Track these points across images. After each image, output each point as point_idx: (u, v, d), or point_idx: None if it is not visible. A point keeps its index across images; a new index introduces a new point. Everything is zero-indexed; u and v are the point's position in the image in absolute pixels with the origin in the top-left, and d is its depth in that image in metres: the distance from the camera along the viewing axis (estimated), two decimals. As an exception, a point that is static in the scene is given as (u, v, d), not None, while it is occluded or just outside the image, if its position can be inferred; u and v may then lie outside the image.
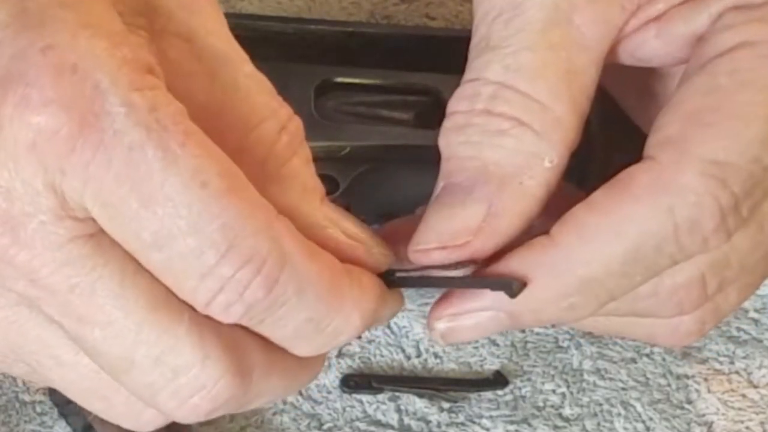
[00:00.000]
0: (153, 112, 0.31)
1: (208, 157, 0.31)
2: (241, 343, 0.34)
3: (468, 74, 0.39)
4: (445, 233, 0.38)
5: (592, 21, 0.38)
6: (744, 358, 0.51)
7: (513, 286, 0.37)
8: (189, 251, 0.31)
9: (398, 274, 0.38)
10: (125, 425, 0.36)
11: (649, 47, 0.39)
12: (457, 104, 0.39)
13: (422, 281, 0.39)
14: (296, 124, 0.35)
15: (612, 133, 0.46)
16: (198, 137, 0.31)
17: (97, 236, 0.32)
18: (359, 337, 0.50)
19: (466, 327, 0.38)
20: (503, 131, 0.37)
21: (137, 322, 0.32)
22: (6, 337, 0.34)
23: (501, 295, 0.37)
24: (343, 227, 0.36)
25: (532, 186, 0.37)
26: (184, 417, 0.34)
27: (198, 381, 0.33)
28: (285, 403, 0.49)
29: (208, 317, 0.33)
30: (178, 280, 0.32)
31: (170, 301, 0.33)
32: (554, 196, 0.38)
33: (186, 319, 0.33)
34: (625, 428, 0.49)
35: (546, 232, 0.37)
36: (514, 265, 0.37)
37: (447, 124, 0.39)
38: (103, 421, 0.46)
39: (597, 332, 0.48)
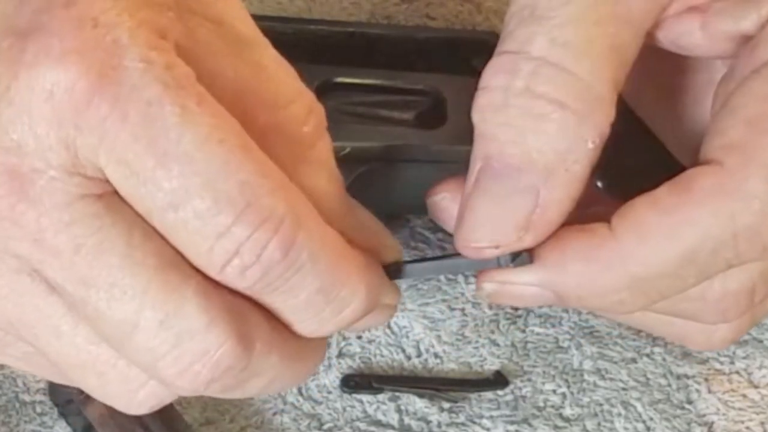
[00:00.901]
0: (170, 69, 0.31)
1: (224, 117, 0.31)
2: (247, 314, 0.34)
3: (506, 44, 0.38)
4: (496, 230, 0.37)
5: None
6: (744, 358, 0.51)
7: (518, 260, 0.37)
8: (205, 209, 0.31)
9: (407, 266, 0.38)
10: (119, 405, 0.36)
11: (693, 38, 0.39)
12: (493, 78, 0.38)
13: (428, 270, 0.40)
14: (320, 109, 0.35)
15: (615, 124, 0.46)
16: (211, 100, 0.31)
17: (107, 196, 0.32)
18: (359, 337, 0.50)
19: (513, 294, 0.39)
20: (545, 115, 0.36)
21: (144, 283, 0.32)
22: (4, 308, 0.33)
23: (552, 275, 0.37)
24: (361, 217, 0.36)
25: (578, 170, 0.37)
26: (184, 385, 0.33)
27: (201, 346, 0.33)
28: (285, 403, 0.49)
29: (215, 283, 0.33)
30: (192, 241, 0.32)
31: (179, 264, 0.32)
32: None
33: (193, 283, 0.32)
34: (626, 428, 0.49)
35: (606, 219, 0.37)
36: (570, 252, 0.37)
37: (483, 99, 0.38)
38: (103, 422, 0.46)
39: (628, 323, 0.47)
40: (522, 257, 0.37)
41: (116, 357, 0.34)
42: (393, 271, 0.38)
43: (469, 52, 0.51)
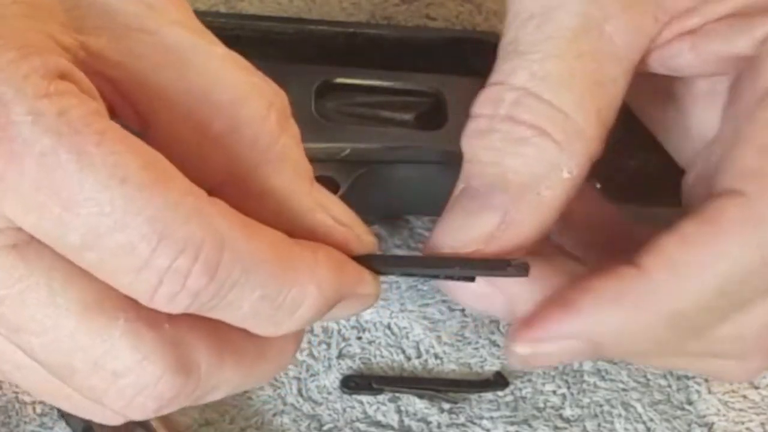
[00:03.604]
0: (62, 115, 0.30)
1: (127, 153, 0.31)
2: (185, 339, 0.34)
3: (494, 76, 0.39)
4: (457, 240, 0.38)
5: (625, 30, 0.38)
6: (744, 359, 0.51)
7: (510, 267, 0.37)
8: (119, 248, 0.31)
9: (383, 259, 0.38)
10: (95, 419, 0.36)
11: (682, 59, 0.39)
12: (481, 107, 0.39)
13: (410, 265, 0.40)
14: (282, 98, 0.34)
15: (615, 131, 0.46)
16: (115, 134, 0.31)
17: (20, 246, 0.32)
18: (359, 338, 0.50)
19: (548, 354, 0.38)
20: (525, 139, 0.38)
21: (70, 329, 0.32)
22: None
23: (589, 323, 0.37)
24: (332, 211, 0.36)
25: (549, 197, 0.38)
26: (134, 415, 0.34)
27: (139, 382, 0.33)
28: (285, 404, 0.49)
29: (147, 315, 0.33)
30: (114, 276, 0.32)
31: (104, 304, 0.32)
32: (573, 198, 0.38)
33: (121, 322, 0.32)
34: (626, 429, 0.49)
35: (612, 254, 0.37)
36: (604, 296, 0.37)
37: (471, 126, 0.39)
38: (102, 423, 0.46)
39: (663, 367, 0.48)
40: (519, 267, 0.37)
41: None
42: (368, 262, 0.37)
43: (469, 53, 0.51)
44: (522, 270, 0.37)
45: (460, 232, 0.38)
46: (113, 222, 0.31)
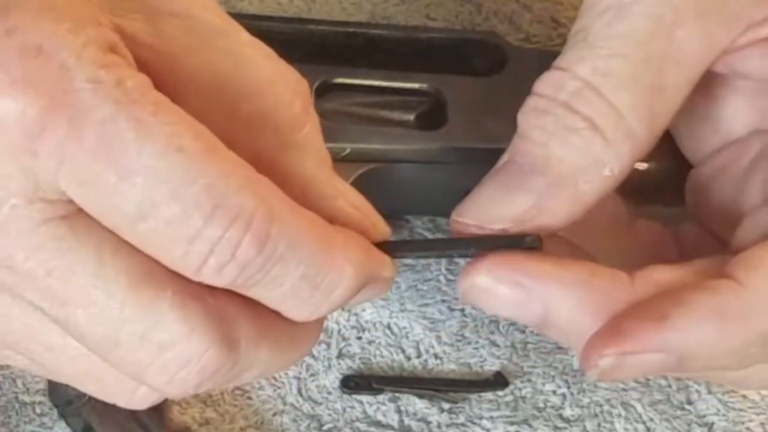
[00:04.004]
0: (121, 85, 0.31)
1: (181, 123, 0.31)
2: (228, 314, 0.34)
3: (560, 61, 0.39)
4: (486, 214, 0.38)
5: (697, 37, 0.38)
6: (744, 358, 0.51)
7: (526, 242, 0.37)
8: (174, 217, 0.31)
9: (398, 244, 0.38)
10: (120, 403, 0.36)
11: (752, 64, 0.40)
12: (543, 87, 0.39)
13: (424, 249, 0.40)
14: (305, 86, 0.35)
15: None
16: (168, 105, 0.31)
17: (71, 217, 0.32)
18: (359, 338, 0.50)
19: (633, 366, 0.37)
20: (576, 130, 0.38)
21: (119, 301, 0.32)
22: None
23: (683, 337, 0.36)
24: (350, 199, 0.36)
25: (586, 191, 0.38)
26: (174, 391, 0.34)
27: (184, 355, 0.33)
28: (285, 403, 0.49)
29: (193, 289, 0.33)
30: (166, 248, 0.32)
31: (153, 277, 0.32)
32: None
33: (169, 294, 0.33)
34: (626, 429, 0.49)
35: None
36: (701, 311, 0.36)
37: (529, 102, 0.39)
38: (102, 422, 0.46)
39: (679, 375, 0.48)
40: (532, 239, 0.37)
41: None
42: (384, 249, 0.37)
43: (469, 53, 0.51)
44: (536, 243, 0.37)
45: (493, 206, 0.38)
46: (169, 191, 0.31)
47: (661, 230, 0.44)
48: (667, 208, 0.46)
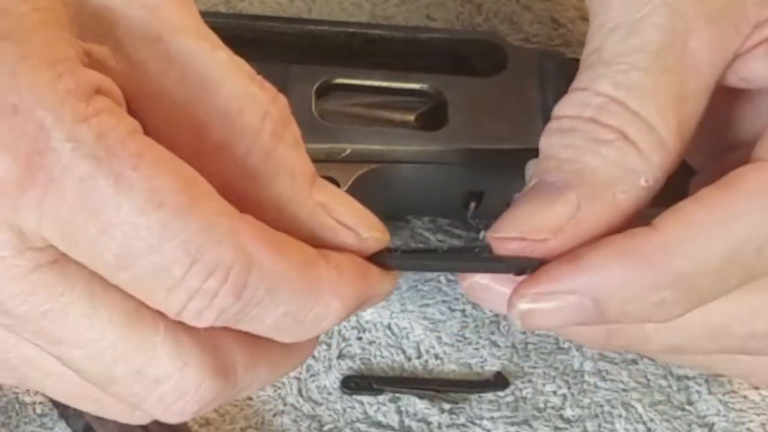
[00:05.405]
0: (101, 140, 0.30)
1: (164, 174, 0.31)
2: (222, 344, 0.34)
3: (577, 83, 0.39)
4: (527, 225, 0.37)
5: (709, 44, 0.38)
6: (745, 359, 0.51)
7: (526, 269, 0.37)
8: (153, 268, 0.31)
9: (401, 253, 0.37)
10: (121, 420, 0.36)
11: (754, 67, 0.39)
12: (565, 109, 0.39)
13: (423, 261, 0.39)
14: (279, 106, 0.34)
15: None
16: (152, 154, 0.31)
17: (61, 261, 0.32)
18: (360, 338, 0.50)
19: (548, 310, 0.37)
20: (607, 141, 0.37)
21: (113, 340, 0.33)
22: None
23: (593, 277, 0.37)
24: (335, 212, 0.36)
25: (624, 200, 0.37)
26: (172, 419, 0.34)
27: (180, 387, 0.33)
28: (285, 404, 0.49)
29: (183, 323, 0.33)
30: (146, 294, 0.32)
31: (143, 314, 0.33)
32: None
33: (161, 330, 0.33)
34: (626, 429, 0.49)
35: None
36: (611, 251, 0.37)
37: (552, 125, 0.39)
38: (102, 423, 0.46)
39: (691, 365, 0.48)
40: (532, 264, 0.37)
41: None
42: (383, 260, 0.37)
43: (469, 53, 0.51)
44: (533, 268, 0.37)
45: (534, 218, 0.37)
46: (148, 245, 0.31)
47: None
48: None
